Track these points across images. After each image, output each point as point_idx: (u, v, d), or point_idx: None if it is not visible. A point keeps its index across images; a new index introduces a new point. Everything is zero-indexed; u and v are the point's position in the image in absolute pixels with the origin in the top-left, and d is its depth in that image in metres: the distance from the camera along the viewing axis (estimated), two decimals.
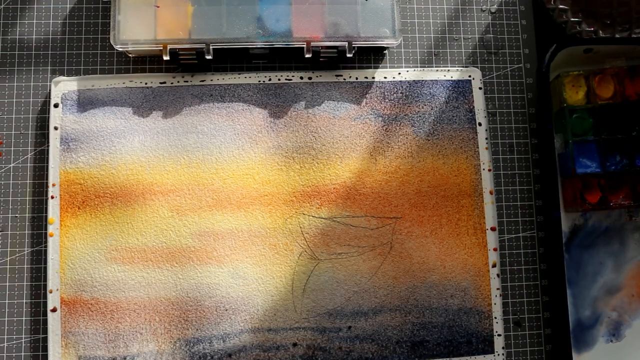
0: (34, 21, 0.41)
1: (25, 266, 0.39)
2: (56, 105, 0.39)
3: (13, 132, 0.40)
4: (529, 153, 0.42)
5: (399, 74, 0.41)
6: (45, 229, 0.39)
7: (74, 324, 0.37)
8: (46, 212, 0.39)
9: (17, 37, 0.41)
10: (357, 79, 0.41)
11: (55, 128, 0.39)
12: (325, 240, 0.39)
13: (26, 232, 0.39)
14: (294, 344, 0.38)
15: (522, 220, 0.42)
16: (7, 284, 0.39)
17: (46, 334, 0.37)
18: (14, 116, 0.40)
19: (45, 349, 0.38)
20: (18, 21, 0.41)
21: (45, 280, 0.38)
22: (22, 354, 0.38)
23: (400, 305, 0.39)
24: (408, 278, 0.39)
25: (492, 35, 0.44)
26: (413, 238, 0.40)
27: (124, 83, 0.40)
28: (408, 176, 0.40)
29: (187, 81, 0.40)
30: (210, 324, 0.38)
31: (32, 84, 0.41)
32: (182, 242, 0.38)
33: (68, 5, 0.42)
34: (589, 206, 0.40)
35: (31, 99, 0.40)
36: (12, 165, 0.40)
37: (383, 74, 0.41)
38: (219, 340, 0.38)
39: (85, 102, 0.39)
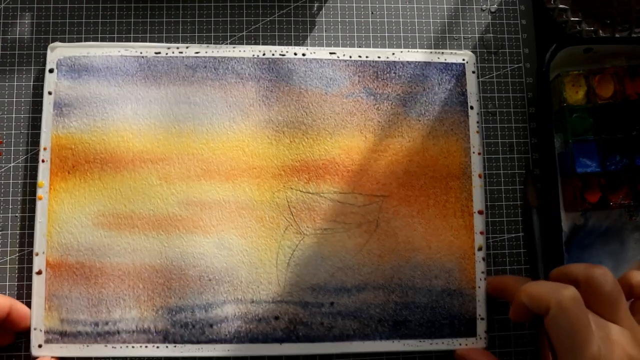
0: (34, 21, 0.42)
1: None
2: (51, 71, 0.40)
3: (13, 132, 0.40)
4: (529, 153, 0.42)
5: (393, 54, 0.42)
6: (34, 194, 0.39)
7: (58, 287, 0.38)
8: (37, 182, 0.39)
9: (17, 37, 0.41)
10: (350, 57, 0.41)
11: (49, 93, 0.39)
12: (311, 215, 0.39)
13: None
14: (276, 317, 0.38)
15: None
16: None
17: (30, 298, 0.38)
18: (13, 116, 0.40)
19: None
20: (18, 21, 0.41)
21: (32, 245, 0.39)
22: None
23: (384, 284, 0.39)
24: (393, 257, 0.39)
25: (492, 35, 0.44)
26: (399, 217, 0.40)
27: (119, 51, 0.40)
28: (397, 155, 0.40)
29: (181, 52, 0.40)
30: (193, 293, 0.38)
31: (32, 83, 0.41)
32: (169, 210, 0.39)
33: (68, 5, 0.42)
34: (589, 206, 0.40)
35: (31, 99, 0.41)
36: (12, 164, 0.40)
37: (377, 54, 0.41)
38: (201, 310, 0.38)
39: (80, 69, 0.40)
